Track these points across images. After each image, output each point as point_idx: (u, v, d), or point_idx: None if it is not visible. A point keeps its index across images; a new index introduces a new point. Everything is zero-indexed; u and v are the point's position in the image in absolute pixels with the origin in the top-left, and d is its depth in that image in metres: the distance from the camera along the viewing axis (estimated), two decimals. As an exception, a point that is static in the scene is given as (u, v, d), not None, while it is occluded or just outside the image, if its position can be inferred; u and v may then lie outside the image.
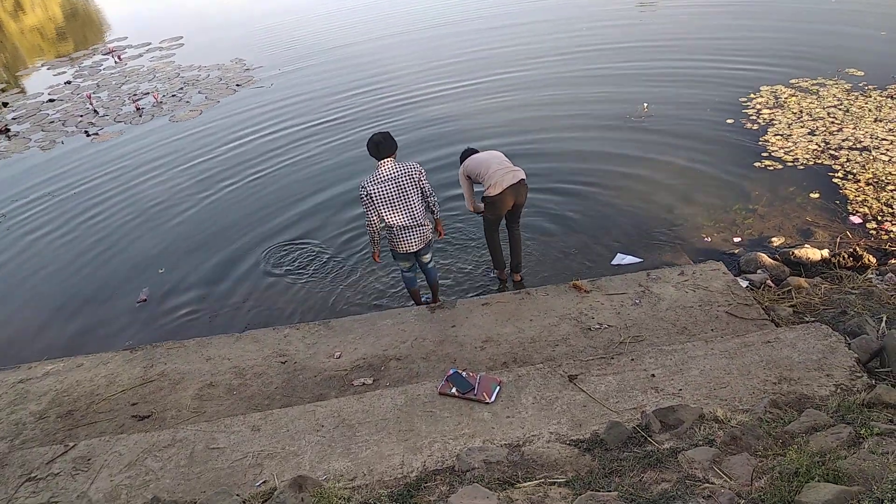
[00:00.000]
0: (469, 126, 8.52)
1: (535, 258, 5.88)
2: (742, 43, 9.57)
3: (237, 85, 11.47)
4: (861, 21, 9.58)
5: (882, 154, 6.42)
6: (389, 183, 4.43)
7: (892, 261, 5.04)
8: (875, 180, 6.09)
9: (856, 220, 5.66)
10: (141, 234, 7.35)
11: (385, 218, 4.52)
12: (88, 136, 10.34)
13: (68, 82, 13.25)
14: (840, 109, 7.35)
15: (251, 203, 7.59)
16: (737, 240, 5.74)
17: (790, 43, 9.29)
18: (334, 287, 5.90)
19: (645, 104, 8.28)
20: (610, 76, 9.38)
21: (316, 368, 4.49)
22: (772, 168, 6.60)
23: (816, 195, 6.07)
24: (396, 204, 4.48)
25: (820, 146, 6.77)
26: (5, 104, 12.57)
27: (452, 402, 3.65)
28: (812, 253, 5.18)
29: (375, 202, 4.45)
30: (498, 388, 3.67)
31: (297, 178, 7.97)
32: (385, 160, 4.42)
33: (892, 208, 5.69)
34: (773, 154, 6.80)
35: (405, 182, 4.46)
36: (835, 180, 6.22)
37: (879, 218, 5.62)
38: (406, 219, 4.55)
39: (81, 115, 11.20)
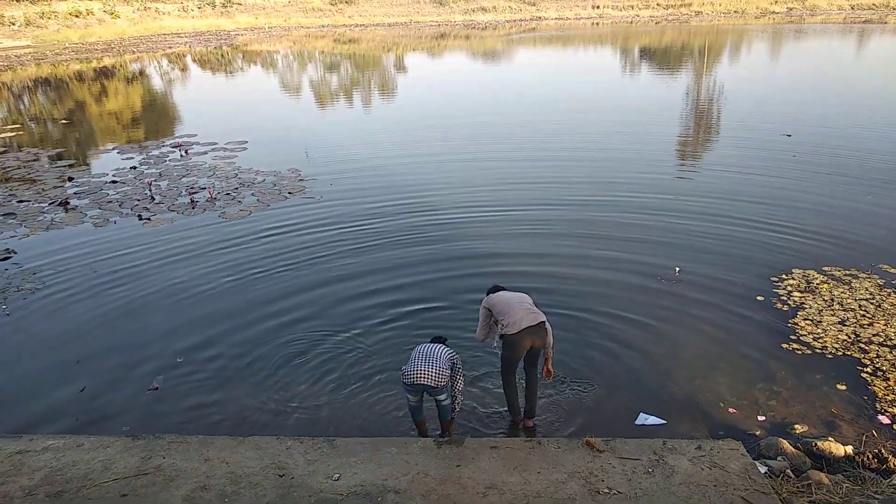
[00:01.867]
0: (494, 265, 8.72)
1: (551, 406, 5.80)
2: (779, 223, 9.79)
3: (289, 192, 12.06)
4: (896, 220, 9.80)
5: (913, 355, 6.34)
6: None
7: (921, 470, 4.83)
8: (905, 381, 5.97)
9: (884, 419, 5.51)
10: (167, 319, 7.55)
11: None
12: (141, 219, 10.86)
13: (133, 167, 14.11)
14: (872, 304, 7.36)
15: (280, 304, 7.76)
16: (760, 419, 5.60)
17: (826, 230, 9.49)
18: (347, 400, 5.90)
19: (677, 268, 8.42)
20: (647, 232, 9.62)
21: (312, 488, 4.38)
22: (799, 352, 6.54)
23: (843, 387, 5.96)
24: (423, 349, 5.04)
25: (850, 337, 6.73)
26: (70, 178, 13.36)
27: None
28: (836, 447, 5.01)
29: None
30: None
31: (339, 297, 8.14)
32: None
33: (922, 413, 5.54)
34: (801, 338, 6.76)
35: (437, 351, 5.05)
36: (864, 375, 6.12)
37: (908, 421, 5.46)
38: (423, 353, 4.95)
39: (139, 200, 11.82)
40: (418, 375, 4.83)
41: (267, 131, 17.92)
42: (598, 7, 59.06)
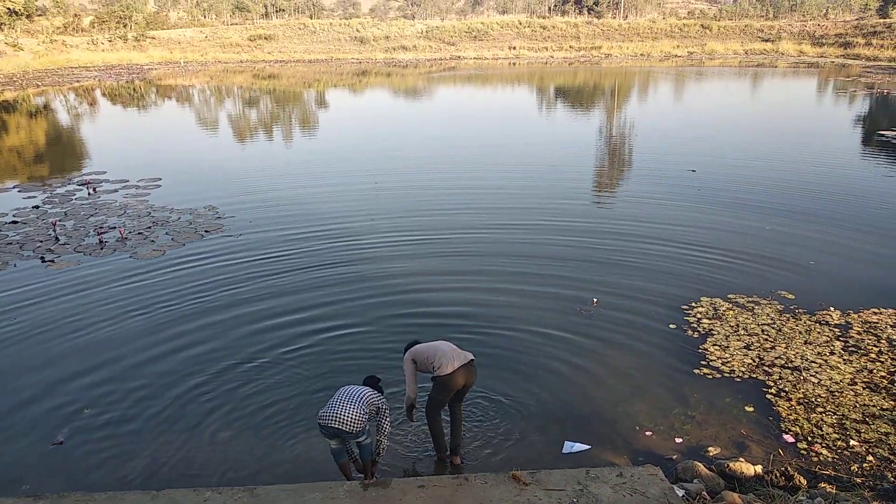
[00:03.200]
0: (414, 300, 8.81)
1: (478, 440, 5.82)
2: (688, 254, 10.31)
3: (206, 230, 11.71)
4: (793, 248, 10.51)
5: (812, 376, 6.77)
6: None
7: (822, 485, 5.14)
8: (805, 401, 6.37)
9: (788, 438, 5.83)
10: (71, 365, 7.15)
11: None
12: (44, 261, 10.25)
13: (36, 207, 13.34)
14: (773, 328, 7.84)
15: (197, 350, 7.49)
16: (677, 441, 5.83)
17: (730, 260, 10.05)
18: (267, 442, 5.74)
19: (595, 299, 8.70)
20: (565, 264, 9.92)
21: (232, 540, 4.18)
22: (710, 377, 6.86)
23: (751, 409, 6.29)
24: (345, 391, 4.99)
25: (755, 361, 7.13)
26: (-35, 219, 12.48)
27: None
28: (746, 468, 5.26)
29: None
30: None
31: (260, 338, 7.94)
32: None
33: (822, 430, 5.90)
34: (711, 363, 7.11)
35: (358, 394, 4.98)
36: (768, 396, 6.48)
37: (810, 439, 5.81)
38: (344, 395, 4.89)
39: (42, 241, 11.16)
40: (332, 419, 4.75)
41: (182, 167, 17.39)
42: (514, 48, 61.18)
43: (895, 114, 25.91)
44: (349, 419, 4.76)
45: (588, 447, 5.76)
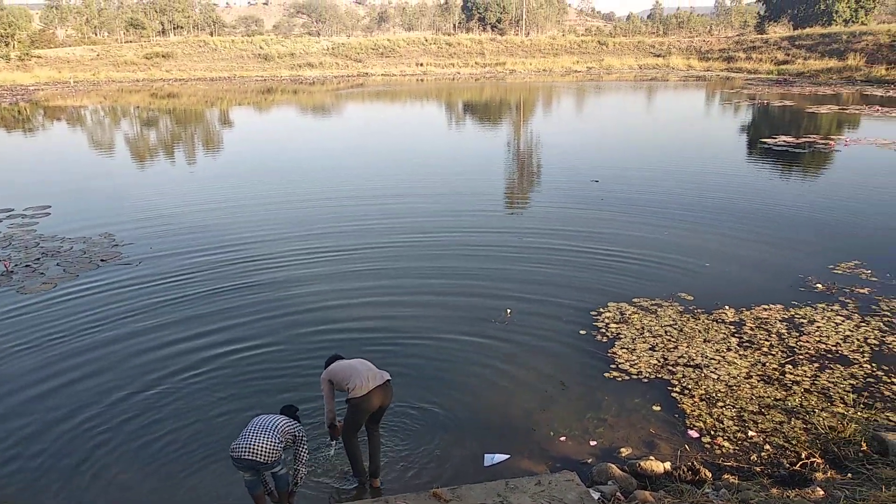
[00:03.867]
0: (326, 316, 8.69)
1: (397, 461, 5.76)
2: (595, 261, 10.67)
3: (102, 259, 11.05)
4: (690, 252, 11.09)
5: (711, 372, 7.15)
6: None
7: (726, 476, 5.41)
8: (707, 396, 6.71)
9: (693, 433, 6.12)
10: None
11: None
12: (-86, 301, 9.36)
13: None
14: (675, 329, 8.23)
15: (88, 383, 7.04)
16: (592, 444, 6.01)
17: (633, 265, 10.50)
18: (167, 477, 5.44)
19: (508, 310, 8.84)
20: (477, 275, 10.05)
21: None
22: (619, 379, 7.11)
23: (658, 408, 6.56)
24: (258, 420, 4.82)
25: (660, 361, 7.45)
26: None
27: None
28: (656, 465, 5.47)
29: None
30: None
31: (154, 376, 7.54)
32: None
33: (723, 424, 6.23)
34: (620, 366, 7.37)
35: (272, 423, 4.81)
36: (674, 394, 6.78)
37: (713, 433, 6.12)
38: (257, 425, 4.73)
39: (-89, 278, 10.19)
40: (244, 450, 4.58)
41: (75, 194, 16.37)
42: (421, 64, 61.83)
43: (775, 123, 27.99)
44: (262, 450, 4.59)
45: (507, 457, 5.83)
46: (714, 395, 6.73)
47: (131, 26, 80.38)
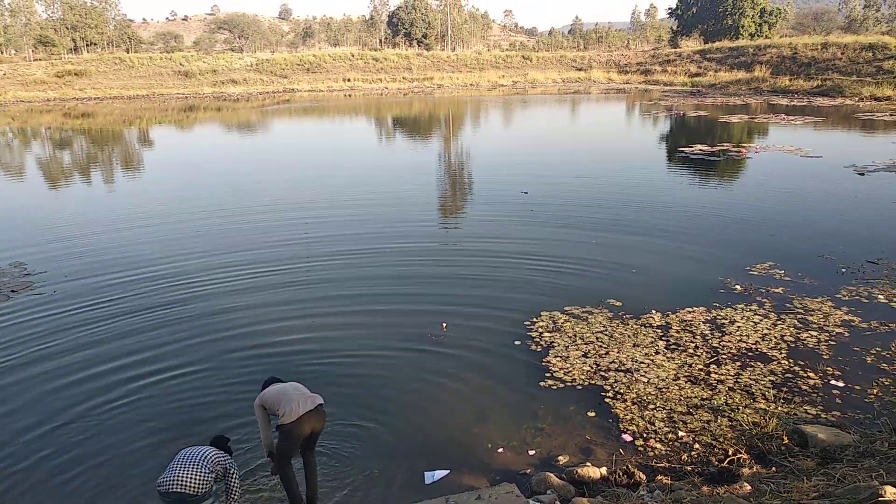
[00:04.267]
0: (255, 333, 8.47)
1: (336, 484, 5.63)
2: (526, 272, 10.84)
3: (12, 291, 10.39)
4: (617, 259, 11.42)
5: (641, 376, 7.35)
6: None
7: (659, 477, 5.56)
8: (638, 400, 6.89)
9: (627, 437, 6.26)
10: None
11: None
12: None
13: None
14: (606, 335, 8.43)
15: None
16: (531, 453, 6.05)
17: (563, 273, 10.72)
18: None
19: (444, 324, 8.84)
20: (412, 290, 10.03)
21: None
22: (555, 387, 7.21)
23: (593, 414, 6.68)
24: (186, 452, 4.68)
25: (592, 367, 7.61)
26: None
27: None
28: (593, 471, 5.56)
29: None
30: None
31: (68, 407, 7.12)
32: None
33: (655, 426, 6.41)
34: (554, 374, 7.48)
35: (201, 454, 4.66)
36: (607, 400, 6.93)
37: (645, 435, 6.28)
38: (184, 457, 4.60)
39: None
40: (171, 483, 4.39)
41: (-19, 221, 15.37)
42: (349, 80, 61.58)
43: (691, 132, 29.33)
44: (191, 482, 4.41)
45: (448, 472, 5.80)
46: (645, 398, 6.92)
47: (40, 43, 76.70)
